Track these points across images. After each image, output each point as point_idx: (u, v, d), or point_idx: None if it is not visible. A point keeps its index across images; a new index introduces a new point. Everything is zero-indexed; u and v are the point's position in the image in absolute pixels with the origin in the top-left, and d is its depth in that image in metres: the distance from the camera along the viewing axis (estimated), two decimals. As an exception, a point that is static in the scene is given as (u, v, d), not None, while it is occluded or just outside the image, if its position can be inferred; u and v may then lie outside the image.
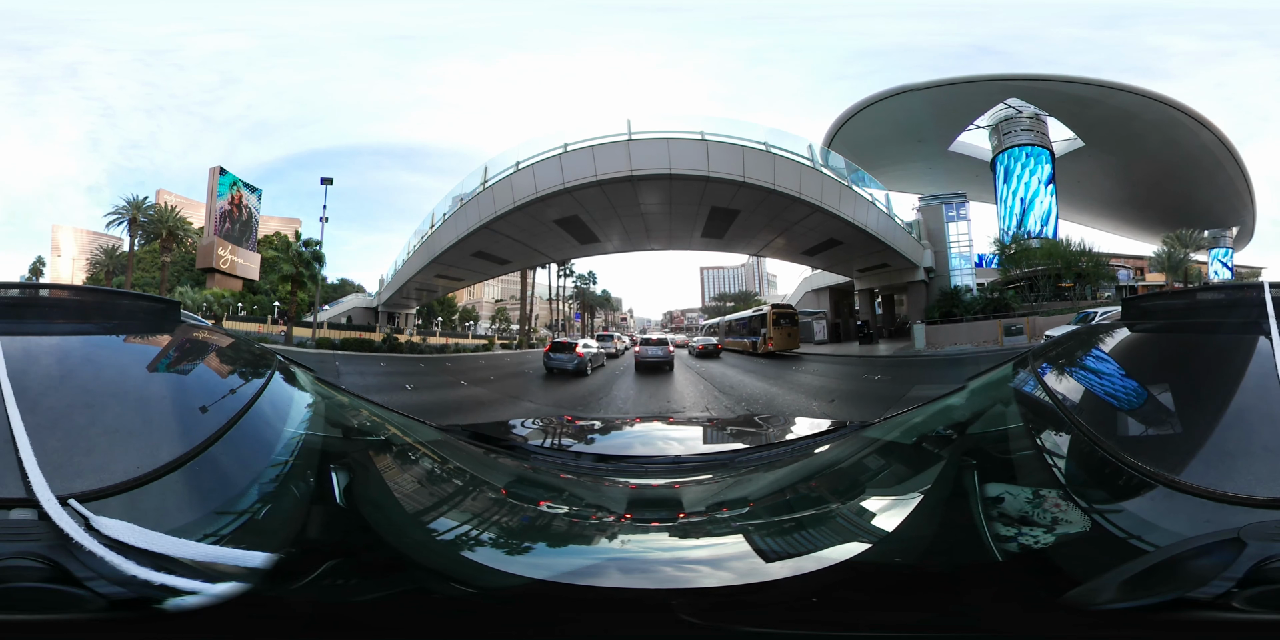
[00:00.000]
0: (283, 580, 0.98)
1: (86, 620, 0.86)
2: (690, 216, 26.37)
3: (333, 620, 0.97)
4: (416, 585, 1.03)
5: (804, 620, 0.99)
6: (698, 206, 24.93)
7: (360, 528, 1.26)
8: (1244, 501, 0.95)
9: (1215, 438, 1.11)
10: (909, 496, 1.53)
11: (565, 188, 22.55)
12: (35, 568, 0.86)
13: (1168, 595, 0.87)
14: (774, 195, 23.07)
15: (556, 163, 22.65)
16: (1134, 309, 1.90)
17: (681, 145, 22.00)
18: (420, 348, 31.09)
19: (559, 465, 2.14)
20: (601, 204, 24.31)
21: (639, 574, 1.21)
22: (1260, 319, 1.33)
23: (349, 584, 1.07)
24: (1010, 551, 1.12)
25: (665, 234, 29.61)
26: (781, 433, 2.90)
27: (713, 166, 21.78)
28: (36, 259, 44.28)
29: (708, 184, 22.49)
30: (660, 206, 25.11)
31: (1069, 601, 0.92)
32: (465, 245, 27.08)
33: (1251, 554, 0.86)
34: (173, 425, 1.19)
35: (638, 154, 21.89)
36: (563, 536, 1.48)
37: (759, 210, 24.79)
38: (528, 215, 24.56)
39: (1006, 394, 1.75)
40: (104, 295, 1.87)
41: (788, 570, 1.19)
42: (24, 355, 1.24)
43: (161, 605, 0.88)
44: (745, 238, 29.70)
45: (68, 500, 0.90)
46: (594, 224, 26.95)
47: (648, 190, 23.39)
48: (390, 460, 1.82)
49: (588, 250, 32.30)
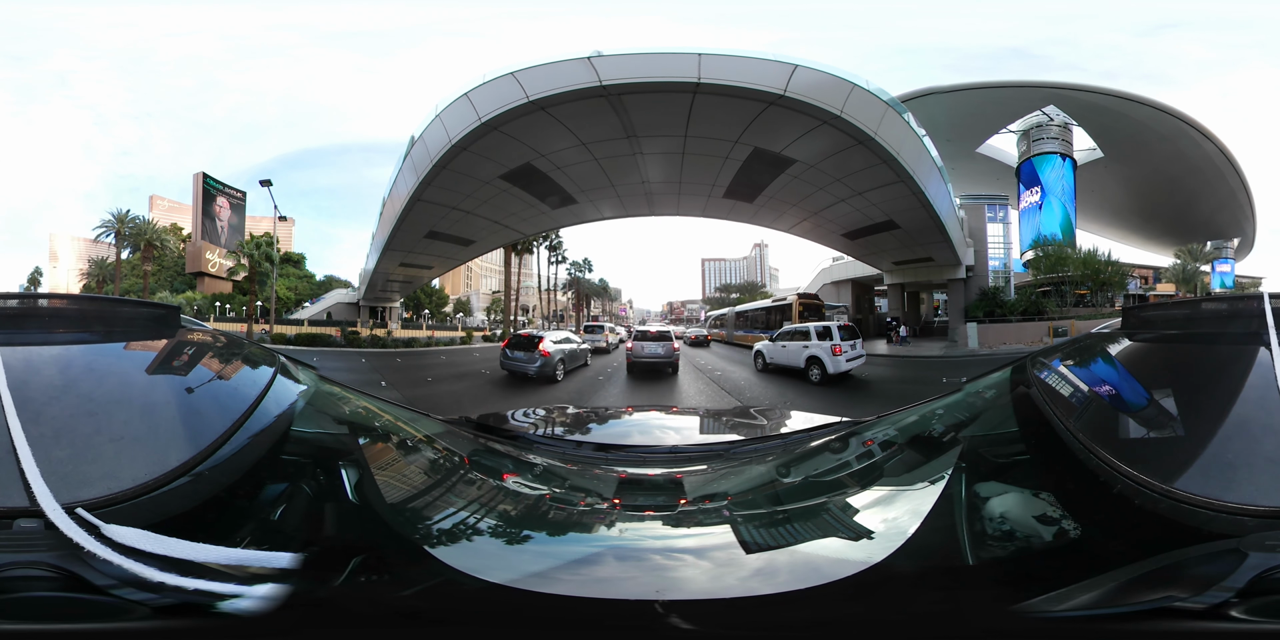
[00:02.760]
0: (316, 579, 0.98)
1: (130, 629, 0.86)
2: (714, 163, 18.96)
3: (384, 615, 0.97)
4: (443, 577, 1.03)
5: (772, 622, 0.98)
6: (732, 146, 17.62)
7: (376, 523, 1.27)
8: (1243, 512, 0.94)
9: (1214, 448, 1.10)
10: (895, 495, 1.54)
11: (484, 121, 16.17)
12: (45, 577, 0.86)
13: (1152, 603, 0.86)
14: (860, 149, 16.69)
15: (466, 101, 16.68)
16: (1134, 318, 1.90)
17: (720, 61, 14.86)
18: (384, 342, 28.90)
19: (560, 454, 2.16)
20: (560, 140, 17.47)
21: (632, 563, 1.23)
22: (1260, 330, 1.33)
23: (382, 579, 1.07)
24: (987, 555, 1.12)
25: (672, 189, 22.03)
26: (777, 426, 2.93)
27: (793, 86, 14.84)
28: (34, 269, 44.71)
29: (768, 110, 15.36)
30: (667, 147, 18.07)
31: (1037, 607, 0.91)
32: (410, 227, 22.99)
33: (1253, 565, 0.86)
34: (179, 430, 1.19)
35: (610, 67, 15.06)
36: (564, 524, 1.51)
37: (822, 167, 18.16)
38: (461, 175, 18.96)
39: (1003, 398, 1.76)
40: (104, 303, 1.86)
41: (761, 562, 1.21)
42: (25, 365, 1.23)
43: (216, 609, 0.87)
44: (779, 207, 23.20)
45: (75, 509, 0.89)
46: (560, 175, 19.84)
47: (646, 114, 16.25)
48: (398, 454, 1.83)
49: (566, 217, 25.87)
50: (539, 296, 49.29)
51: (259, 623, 0.88)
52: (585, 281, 49.33)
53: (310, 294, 42.13)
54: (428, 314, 45.12)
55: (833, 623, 0.98)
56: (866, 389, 14.91)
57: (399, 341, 30.08)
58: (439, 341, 32.79)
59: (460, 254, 30.15)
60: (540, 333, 17.48)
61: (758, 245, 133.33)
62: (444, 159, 17.99)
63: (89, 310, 1.67)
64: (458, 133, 17.01)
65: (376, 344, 28.06)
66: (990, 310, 27.88)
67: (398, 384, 15.65)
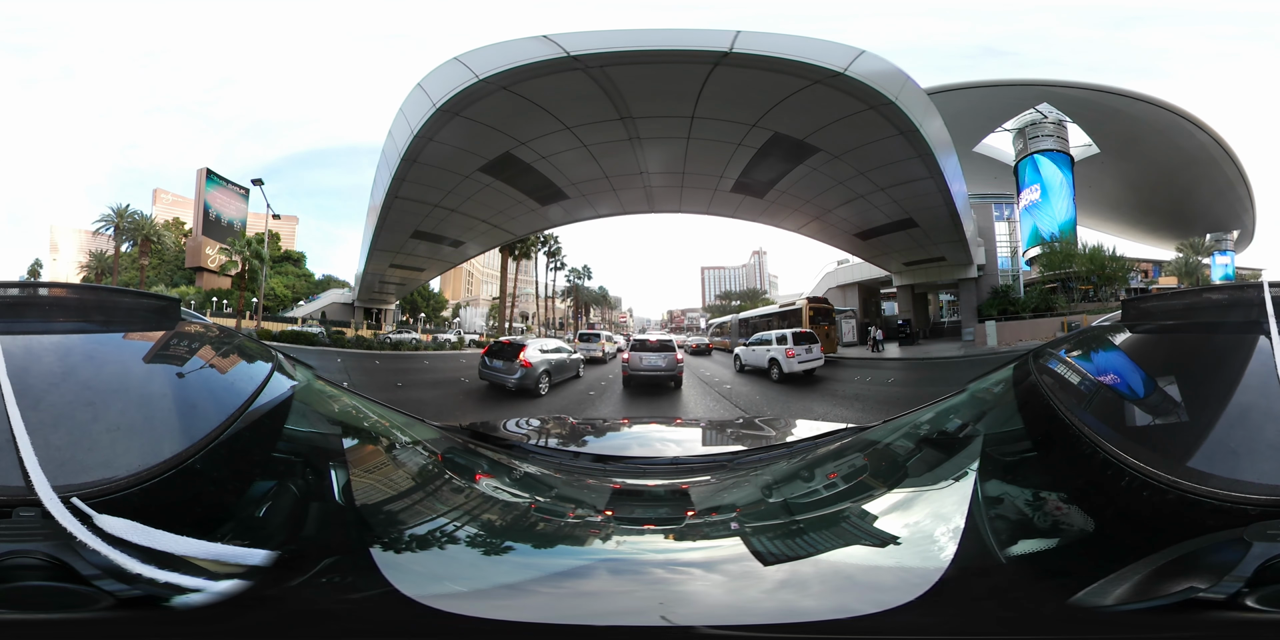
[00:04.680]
0: (282, 577, 0.98)
1: (95, 618, 0.87)
2: (724, 150, 17.34)
3: (327, 618, 0.97)
4: (402, 584, 1.03)
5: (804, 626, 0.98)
6: (748, 131, 15.92)
7: (358, 525, 1.27)
8: (1247, 502, 0.95)
9: (1216, 438, 1.11)
10: (911, 499, 1.53)
11: (439, 107, 14.76)
12: (40, 565, 0.87)
13: (1180, 595, 0.87)
14: (899, 140, 15.58)
15: (419, 90, 15.40)
16: (1133, 310, 1.89)
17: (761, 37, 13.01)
18: (369, 344, 28.18)
19: (557, 465, 2.14)
20: (537, 124, 15.65)
21: (629, 577, 1.21)
22: (1260, 318, 1.32)
23: (345, 581, 1.07)
24: (1014, 554, 1.12)
25: (674, 181, 20.25)
26: (781, 435, 2.89)
27: (853, 68, 13.43)
28: (35, 261, 44.73)
29: (809, 89, 13.75)
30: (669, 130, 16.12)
31: (1078, 603, 0.92)
32: (393, 227, 21.90)
33: (1257, 553, 0.87)
34: (174, 422, 1.19)
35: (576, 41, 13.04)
36: (554, 537, 1.49)
37: (846, 158, 17.03)
38: (436, 169, 17.82)
39: (1007, 396, 1.75)
40: (104, 293, 1.86)
41: (784, 574, 1.19)
42: (25, 354, 1.23)
43: (168, 603, 0.88)
44: (790, 203, 21.52)
45: (70, 498, 0.90)
46: (545, 165, 18.24)
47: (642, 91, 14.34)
48: (388, 458, 1.82)
49: (558, 215, 24.10)
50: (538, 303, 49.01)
51: (201, 615, 0.89)
52: (584, 288, 49.05)
53: (308, 292, 42.15)
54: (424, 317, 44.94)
55: (892, 630, 0.97)
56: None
57: (386, 343, 29.75)
58: (427, 345, 32.14)
59: (452, 256, 29.14)
60: (524, 340, 15.80)
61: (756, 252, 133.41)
62: (410, 152, 16.79)
63: (89, 300, 1.66)
64: (418, 122, 15.70)
65: (362, 345, 27.56)
66: (1003, 308, 27.87)
67: (362, 387, 13.58)
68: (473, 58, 13.86)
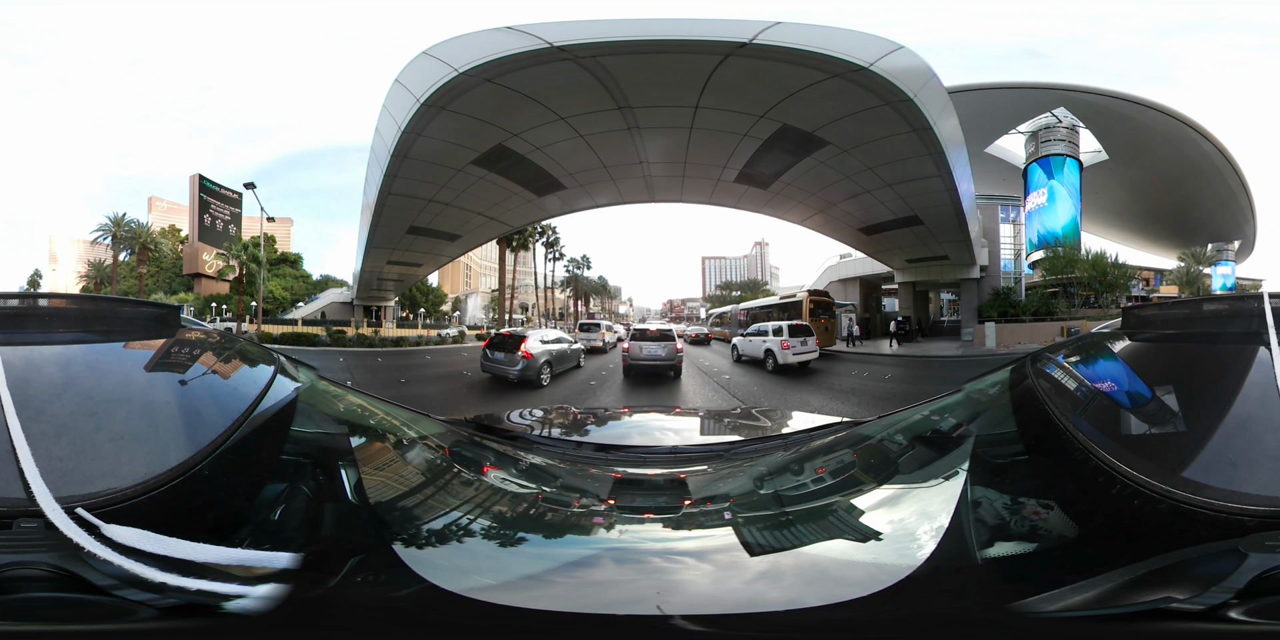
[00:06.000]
0: (316, 579, 0.98)
1: (141, 630, 0.87)
2: (729, 140, 17.06)
3: (383, 616, 0.98)
4: (438, 578, 1.04)
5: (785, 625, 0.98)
6: (755, 121, 15.66)
7: (375, 523, 1.27)
8: (1244, 513, 0.93)
9: (1214, 448, 1.10)
10: (899, 496, 1.54)
11: (423, 102, 14.49)
12: (45, 576, 0.86)
13: (1148, 605, 0.86)
14: (911, 137, 15.45)
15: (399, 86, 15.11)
16: (1133, 318, 1.89)
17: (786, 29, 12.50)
18: (370, 341, 28.30)
19: (560, 455, 2.16)
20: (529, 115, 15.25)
21: (631, 566, 1.22)
22: (1260, 329, 1.32)
23: (380, 580, 1.07)
24: (990, 555, 1.12)
25: (675, 170, 19.81)
26: (777, 427, 2.92)
27: (881, 63, 13.13)
28: (34, 272, 44.78)
29: (826, 82, 13.32)
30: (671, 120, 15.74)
31: (1022, 607, 0.91)
32: (388, 223, 21.93)
33: (1253, 565, 0.86)
34: (179, 429, 1.19)
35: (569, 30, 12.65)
36: (562, 526, 1.51)
37: (855, 153, 16.84)
38: (428, 164, 17.63)
39: (1002, 398, 1.76)
40: (104, 303, 1.86)
41: (766, 565, 1.20)
42: (26, 364, 1.23)
43: (222, 609, 0.88)
44: (795, 195, 21.37)
45: (75, 508, 0.89)
46: (540, 156, 17.80)
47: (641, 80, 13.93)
48: (397, 455, 1.83)
49: (555, 206, 23.94)
50: (537, 294, 48.94)
51: (259, 621, 0.89)
52: (583, 279, 48.90)
53: (306, 293, 42.22)
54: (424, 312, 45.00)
55: (847, 626, 0.98)
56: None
57: (387, 341, 29.71)
58: (429, 341, 32.29)
59: (448, 250, 28.95)
60: (525, 332, 15.78)
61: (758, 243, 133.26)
62: (400, 148, 16.70)
63: (89, 310, 1.66)
64: (403, 118, 15.53)
65: (363, 343, 27.61)
66: (1004, 310, 28.06)
67: (365, 386, 13.98)
68: (442, 50, 13.61)
